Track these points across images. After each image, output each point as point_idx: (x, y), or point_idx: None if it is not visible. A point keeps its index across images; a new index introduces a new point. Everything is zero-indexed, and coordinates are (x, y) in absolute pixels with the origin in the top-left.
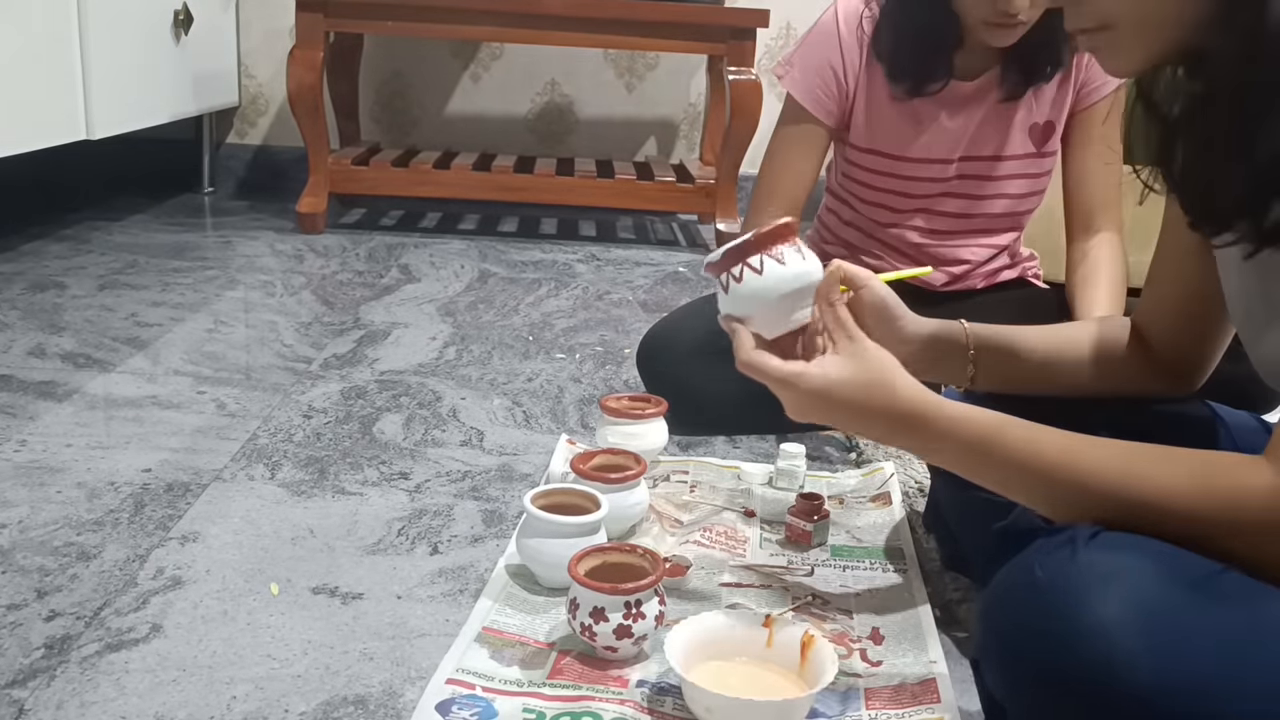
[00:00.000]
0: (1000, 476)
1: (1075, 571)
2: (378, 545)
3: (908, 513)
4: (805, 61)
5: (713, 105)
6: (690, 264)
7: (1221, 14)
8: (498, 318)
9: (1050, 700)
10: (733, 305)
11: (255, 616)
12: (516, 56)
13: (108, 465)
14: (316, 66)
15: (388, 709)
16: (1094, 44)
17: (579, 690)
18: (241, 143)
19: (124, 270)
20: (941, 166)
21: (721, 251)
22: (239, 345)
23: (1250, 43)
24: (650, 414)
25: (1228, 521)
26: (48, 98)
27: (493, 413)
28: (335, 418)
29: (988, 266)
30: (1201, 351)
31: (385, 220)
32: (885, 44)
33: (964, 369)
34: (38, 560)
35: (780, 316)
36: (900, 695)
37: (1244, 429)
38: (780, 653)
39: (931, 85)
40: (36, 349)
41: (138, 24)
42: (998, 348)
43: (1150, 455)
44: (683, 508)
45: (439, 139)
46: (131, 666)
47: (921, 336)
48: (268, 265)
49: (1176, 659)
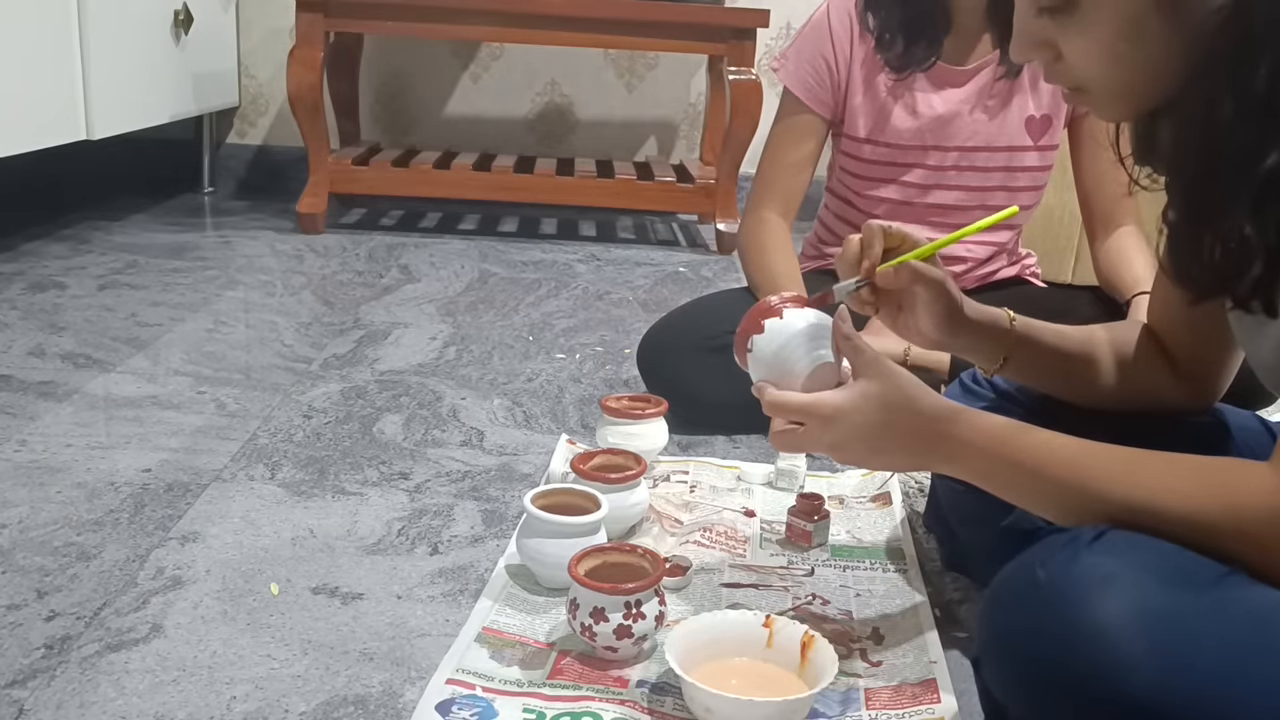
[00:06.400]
0: (1010, 478)
1: (1077, 573)
2: (378, 545)
3: (908, 513)
4: (798, 54)
5: (713, 105)
6: (690, 264)
7: (1188, 86)
8: (498, 318)
9: (1051, 701)
10: (754, 371)
11: (255, 616)
12: (516, 56)
13: (108, 465)
14: (316, 66)
15: (388, 709)
16: (1077, 100)
17: (579, 690)
18: (241, 143)
19: (124, 270)
20: (939, 155)
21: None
22: (239, 345)
23: (1214, 111)
24: (650, 414)
25: (1232, 525)
26: (48, 98)
27: (493, 413)
28: (335, 418)
29: (987, 266)
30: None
31: (385, 220)
32: (874, 18)
33: (997, 357)
34: (38, 560)
35: (797, 359)
36: (900, 695)
37: (1247, 430)
38: (780, 653)
39: (918, 51)
40: (36, 349)
41: (138, 24)
42: (1035, 342)
43: (1155, 460)
44: (683, 508)
45: (439, 139)
46: (131, 666)
47: (975, 323)
48: (268, 265)
49: (1178, 662)
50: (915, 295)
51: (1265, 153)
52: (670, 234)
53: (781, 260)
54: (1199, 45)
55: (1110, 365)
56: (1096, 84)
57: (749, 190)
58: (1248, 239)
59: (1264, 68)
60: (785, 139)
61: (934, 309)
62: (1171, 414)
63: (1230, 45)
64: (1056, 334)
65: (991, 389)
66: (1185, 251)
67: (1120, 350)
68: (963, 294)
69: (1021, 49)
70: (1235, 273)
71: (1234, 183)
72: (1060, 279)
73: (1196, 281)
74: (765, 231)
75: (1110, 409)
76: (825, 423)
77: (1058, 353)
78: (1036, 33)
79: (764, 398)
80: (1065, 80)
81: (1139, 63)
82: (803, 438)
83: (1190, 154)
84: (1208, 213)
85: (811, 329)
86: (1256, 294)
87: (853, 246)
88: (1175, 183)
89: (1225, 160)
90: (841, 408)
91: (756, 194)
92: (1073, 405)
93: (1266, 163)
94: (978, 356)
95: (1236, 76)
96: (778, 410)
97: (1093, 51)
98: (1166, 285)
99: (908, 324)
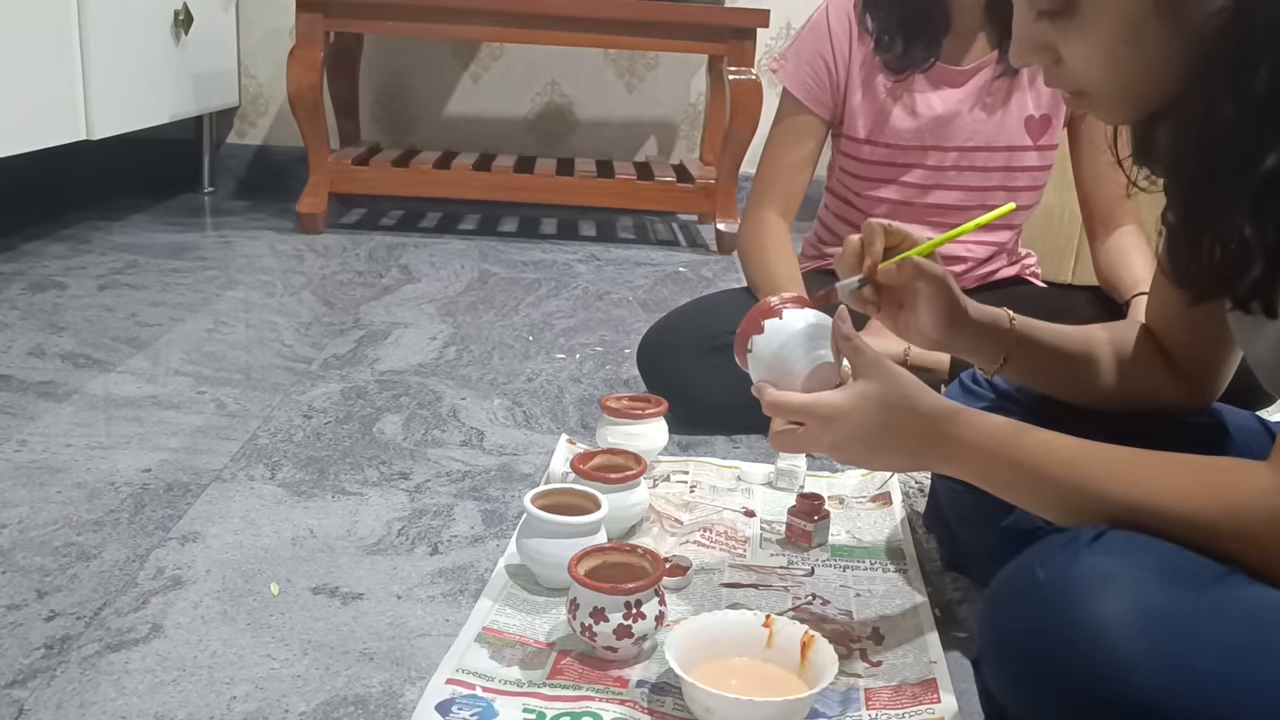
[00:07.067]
0: (1009, 478)
1: (1077, 573)
2: (378, 545)
3: (908, 513)
4: (798, 55)
5: (713, 105)
6: (690, 264)
7: (1188, 88)
8: (498, 318)
9: (1051, 701)
10: (754, 372)
11: (255, 616)
12: (516, 56)
13: (108, 465)
14: (316, 66)
15: (388, 709)
16: (1077, 104)
17: (579, 690)
18: (241, 143)
19: (124, 270)
20: (938, 155)
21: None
22: (239, 345)
23: (1213, 113)
24: (650, 414)
25: (1231, 525)
26: (48, 98)
27: (493, 413)
28: (335, 418)
29: (987, 266)
30: (1213, 355)
31: (385, 220)
32: (873, 20)
33: (997, 357)
34: (38, 560)
35: (796, 359)
36: (900, 695)
37: (1246, 430)
38: (780, 653)
39: (917, 53)
40: (36, 349)
41: (138, 24)
42: (1034, 342)
43: (1155, 460)
44: (683, 508)
45: (439, 139)
46: (131, 666)
47: (975, 322)
48: (268, 265)
49: (1178, 662)
50: (917, 292)
51: (1264, 154)
52: (670, 234)
53: (781, 260)
54: (1199, 48)
55: (1109, 365)
56: (1097, 88)
57: (749, 190)
58: (1247, 240)
59: (1263, 69)
60: (785, 139)
61: (935, 306)
62: (1170, 414)
63: (1230, 47)
64: (1056, 334)
65: (991, 389)
66: (1184, 252)
67: (1119, 350)
68: (963, 293)
69: (1021, 53)
70: (1234, 274)
71: (1233, 184)
72: (1060, 279)
73: (1195, 282)
74: (765, 232)
75: (1109, 409)
76: (825, 423)
77: (1057, 352)
78: (1036, 37)
79: (764, 398)
80: (1065, 84)
81: (1139, 66)
82: (803, 438)
83: (1189, 155)
84: (1207, 214)
85: (810, 329)
86: (1255, 295)
87: (853, 245)
88: (1174, 184)
89: (1224, 162)
90: (841, 408)
91: (756, 194)
92: (1072, 405)
93: (1265, 164)
94: (977, 356)
95: (1236, 78)
96: (777, 411)
97: (1092, 55)
98: (1165, 285)
99: (908, 323)
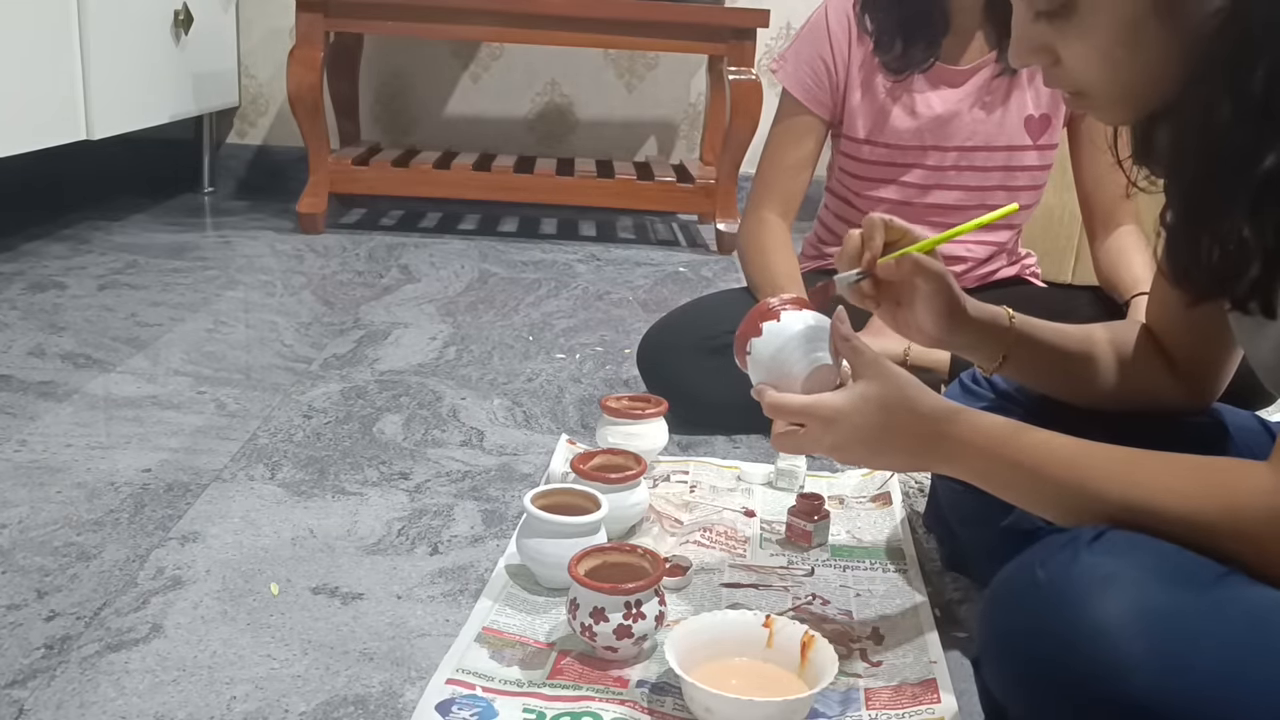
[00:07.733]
0: (1009, 478)
1: (1077, 573)
2: (378, 545)
3: (908, 513)
4: (797, 55)
5: (713, 105)
6: (690, 264)
7: (1187, 89)
8: (498, 318)
9: (1051, 701)
10: (754, 374)
11: (255, 616)
12: (516, 56)
13: (108, 465)
14: (316, 66)
15: (388, 709)
16: (1076, 104)
17: (579, 690)
18: (241, 143)
19: (124, 270)
20: (938, 155)
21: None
22: (239, 345)
23: (1212, 114)
24: (650, 414)
25: (1230, 525)
26: (48, 98)
27: (493, 413)
28: (335, 418)
29: (987, 266)
30: (1212, 355)
31: (385, 220)
32: (872, 20)
33: (996, 355)
34: (38, 560)
35: (794, 362)
36: (900, 695)
37: (1245, 430)
38: (780, 653)
39: (917, 53)
40: (36, 349)
41: (138, 24)
42: (1034, 341)
43: (1154, 460)
44: (683, 508)
45: (439, 139)
46: (131, 666)
47: (974, 320)
48: (268, 265)
49: (1178, 662)
50: (916, 289)
51: (1263, 155)
52: (670, 234)
53: (781, 261)
54: (1197, 48)
55: (1109, 365)
56: (1095, 88)
57: (749, 191)
58: (1246, 241)
59: (1261, 70)
60: (784, 140)
61: (934, 303)
62: (1170, 414)
63: (1228, 48)
64: (1056, 333)
65: (991, 389)
66: (1183, 253)
67: (1119, 350)
68: (963, 291)
69: (1020, 54)
70: (1233, 274)
71: (1232, 185)
72: (1060, 279)
73: (1195, 283)
74: (765, 232)
75: (1109, 409)
76: (825, 424)
77: (1057, 352)
78: (1035, 38)
79: (764, 400)
80: (1064, 85)
81: (1137, 67)
82: (803, 439)
83: (1188, 156)
84: (1206, 214)
85: (809, 331)
86: (1254, 295)
87: (853, 240)
88: (1173, 185)
89: (1223, 162)
90: (841, 409)
91: (756, 194)
92: (1071, 405)
93: (1264, 165)
94: (977, 355)
95: (1234, 79)
96: (778, 412)
97: (1091, 56)
98: (1165, 286)
99: (908, 320)
